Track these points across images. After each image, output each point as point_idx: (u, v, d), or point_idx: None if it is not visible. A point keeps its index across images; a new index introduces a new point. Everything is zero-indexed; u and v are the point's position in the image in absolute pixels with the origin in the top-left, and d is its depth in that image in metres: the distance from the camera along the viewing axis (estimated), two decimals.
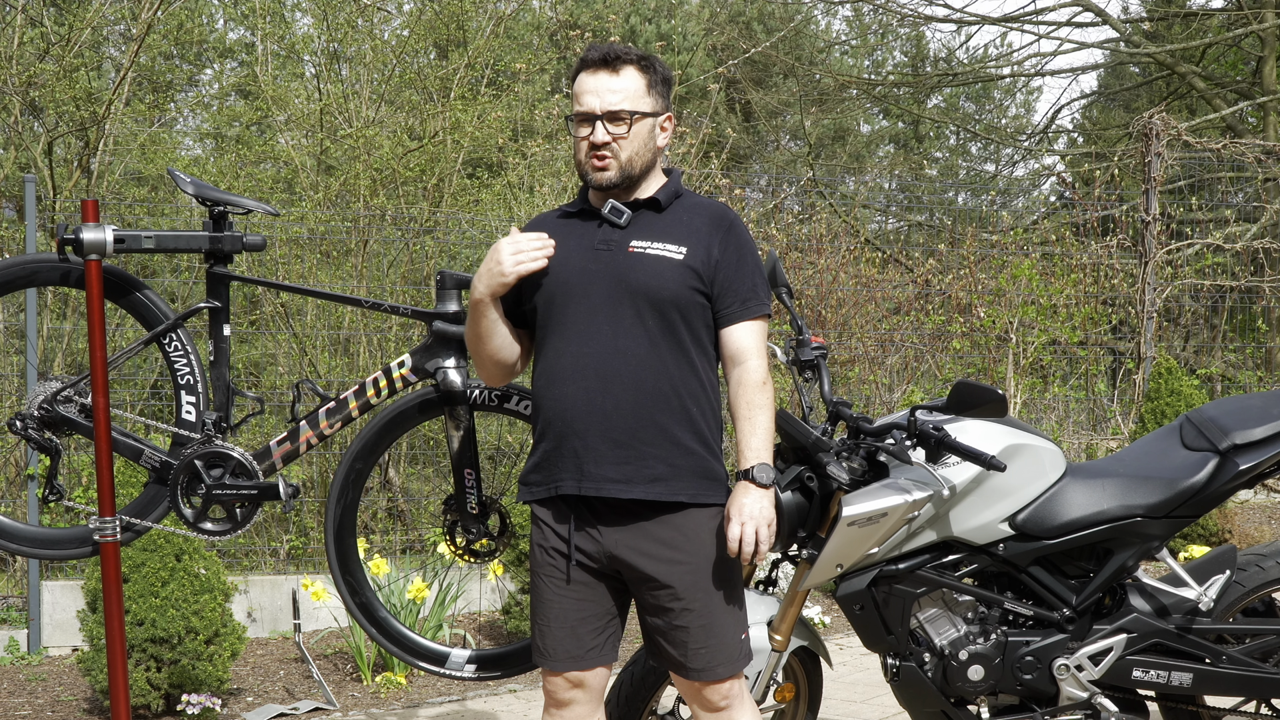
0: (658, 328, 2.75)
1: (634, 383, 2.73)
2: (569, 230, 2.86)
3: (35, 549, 3.36)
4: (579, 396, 2.75)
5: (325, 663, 5.82)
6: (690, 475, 2.76)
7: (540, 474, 2.83)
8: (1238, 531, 7.51)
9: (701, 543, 2.78)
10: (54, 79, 8.03)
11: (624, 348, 2.74)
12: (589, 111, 2.78)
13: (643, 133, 2.80)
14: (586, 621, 2.83)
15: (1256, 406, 3.50)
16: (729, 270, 2.80)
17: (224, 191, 3.31)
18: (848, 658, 5.70)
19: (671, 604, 2.77)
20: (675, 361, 2.76)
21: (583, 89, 2.80)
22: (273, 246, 7.34)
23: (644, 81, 2.81)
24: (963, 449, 3.10)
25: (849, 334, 8.64)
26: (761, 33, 17.75)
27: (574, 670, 2.83)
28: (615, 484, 2.73)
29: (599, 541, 2.78)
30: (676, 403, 2.75)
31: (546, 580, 2.84)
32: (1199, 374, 9.84)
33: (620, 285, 2.75)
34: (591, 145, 2.78)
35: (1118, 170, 12.16)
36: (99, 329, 3.13)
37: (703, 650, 2.79)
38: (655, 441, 2.73)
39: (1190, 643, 3.38)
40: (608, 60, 2.79)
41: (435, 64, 9.78)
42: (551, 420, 2.79)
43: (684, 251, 2.77)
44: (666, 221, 2.82)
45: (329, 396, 3.35)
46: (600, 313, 2.75)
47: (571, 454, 2.76)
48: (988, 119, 23.23)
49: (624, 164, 2.79)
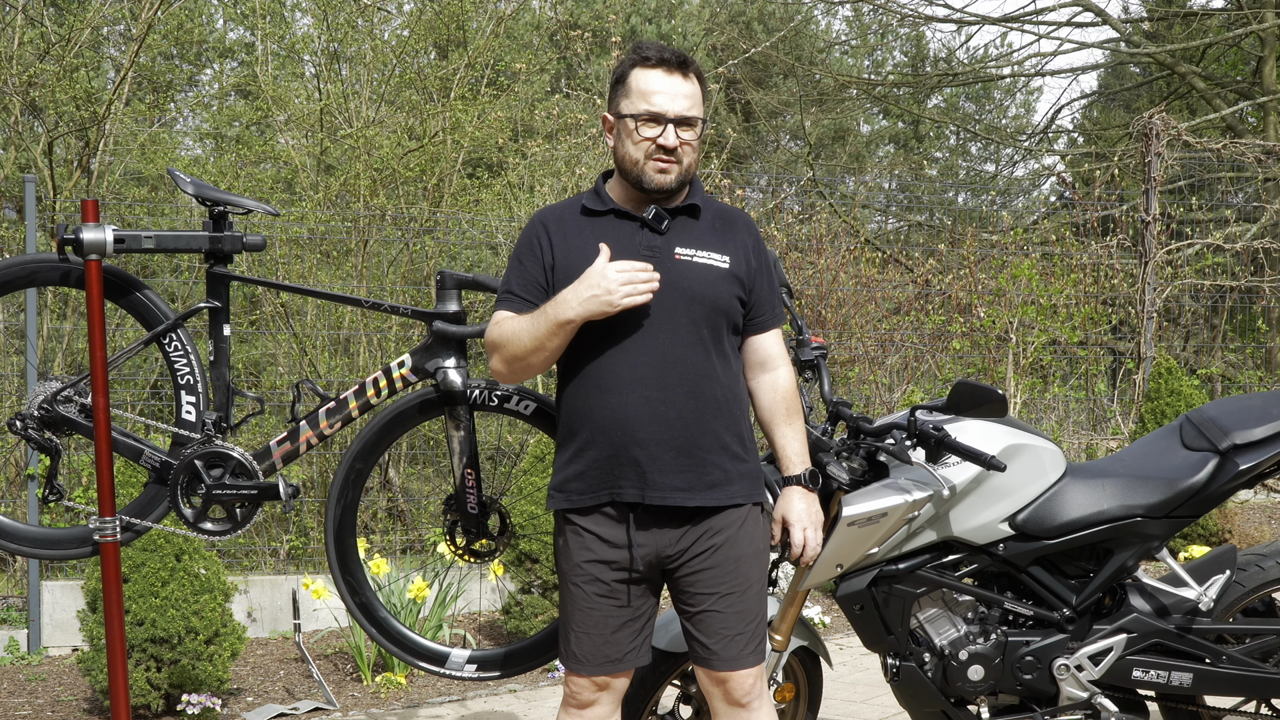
0: (709, 335, 2.76)
1: (693, 390, 2.74)
2: (602, 231, 2.80)
3: (35, 549, 3.36)
4: (639, 405, 2.72)
5: (325, 663, 5.82)
6: (740, 478, 2.81)
7: (585, 482, 2.79)
8: (1238, 531, 7.51)
9: (744, 533, 2.82)
10: (54, 79, 8.03)
11: (681, 356, 2.74)
12: (661, 113, 2.74)
13: (698, 141, 2.81)
14: (626, 626, 2.83)
15: (1256, 406, 3.50)
16: (763, 280, 2.85)
17: (224, 191, 3.31)
18: (848, 658, 5.70)
19: (714, 589, 2.80)
20: (723, 368, 2.79)
21: (652, 88, 2.75)
22: (273, 246, 7.33)
23: (702, 90, 2.84)
24: (963, 449, 3.10)
25: (849, 334, 8.64)
26: (761, 33, 17.75)
27: (606, 674, 2.84)
28: (680, 492, 2.74)
29: (652, 544, 2.78)
30: (727, 409, 2.78)
31: (587, 588, 2.81)
32: (1199, 374, 9.84)
33: (674, 292, 2.74)
34: (661, 148, 2.75)
35: (1118, 170, 12.16)
36: (99, 329, 3.13)
37: (738, 637, 2.82)
38: (713, 449, 2.76)
39: (1190, 643, 3.38)
40: (684, 63, 2.78)
41: (435, 64, 9.78)
42: (605, 428, 2.75)
43: (728, 260, 2.79)
44: (704, 229, 2.83)
45: (329, 396, 3.35)
46: (654, 320, 2.73)
47: (633, 463, 2.73)
48: (988, 119, 23.23)
49: (684, 170, 2.79)
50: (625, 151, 2.78)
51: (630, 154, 2.77)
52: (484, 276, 3.32)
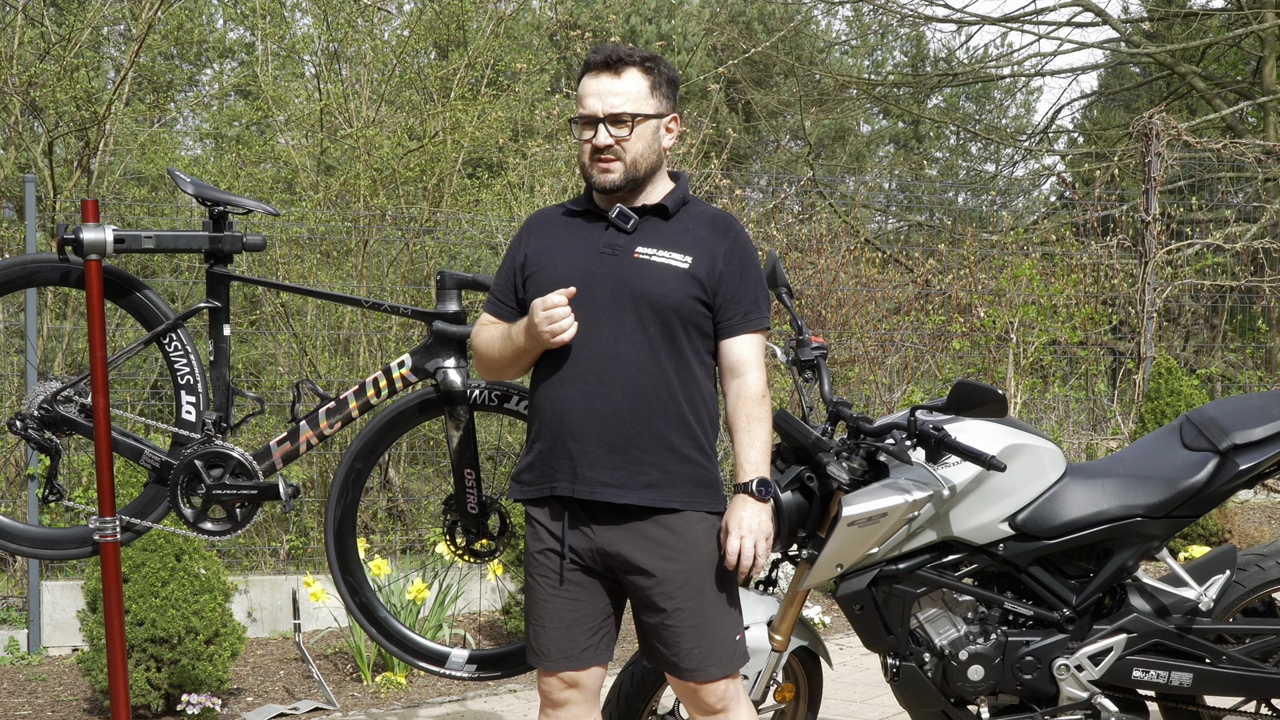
0: (659, 335, 2.75)
1: (633, 388, 2.73)
2: (574, 230, 2.85)
3: (35, 549, 3.36)
4: (577, 399, 2.75)
5: (325, 663, 5.82)
6: (686, 482, 2.77)
7: (533, 473, 2.83)
8: (1238, 531, 7.51)
9: (694, 544, 2.78)
10: (54, 79, 8.03)
11: (624, 352, 2.74)
12: (591, 114, 2.78)
13: (646, 135, 2.79)
14: (581, 621, 2.83)
15: (1256, 406, 3.50)
16: (732, 282, 2.80)
17: (224, 191, 3.31)
18: (848, 658, 5.70)
19: (664, 603, 2.78)
20: (675, 368, 2.77)
21: (585, 91, 2.80)
22: (273, 246, 7.33)
23: (647, 83, 2.80)
24: (963, 449, 3.10)
25: (849, 334, 8.63)
26: (762, 33, 17.75)
27: (568, 670, 2.83)
28: (609, 488, 2.74)
29: (592, 540, 2.78)
30: (675, 409, 2.76)
31: (540, 580, 2.84)
32: (1199, 374, 9.84)
33: (623, 290, 2.75)
34: (594, 148, 2.78)
35: (1118, 170, 12.17)
36: (99, 329, 3.13)
37: (695, 650, 2.79)
38: (652, 448, 2.74)
39: (1190, 643, 3.38)
40: (610, 62, 2.79)
41: (435, 64, 9.77)
42: (548, 421, 2.79)
43: (689, 260, 2.78)
44: (673, 229, 2.83)
45: (329, 396, 3.35)
46: (601, 316, 2.75)
47: (566, 456, 2.76)
48: (988, 119, 23.24)
49: (628, 166, 2.79)
50: (579, 156, 2.86)
51: (580, 159, 2.85)
52: (484, 276, 3.32)
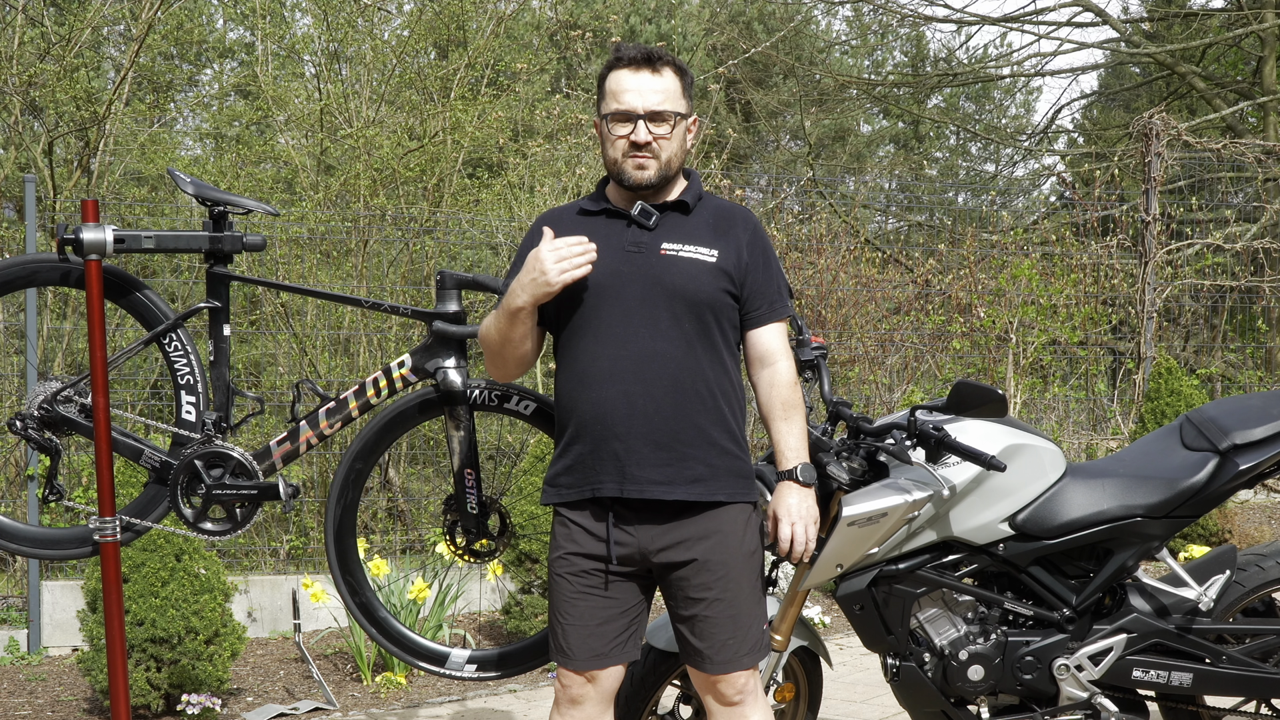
0: (694, 329, 2.77)
1: (673, 384, 2.75)
2: (593, 230, 2.84)
3: (35, 549, 3.36)
4: (619, 399, 2.75)
5: (325, 663, 5.82)
6: (727, 475, 2.80)
7: (573, 476, 2.82)
8: (1238, 531, 7.51)
9: (734, 536, 2.81)
10: (54, 79, 8.03)
11: (661, 350, 2.75)
12: (629, 110, 2.77)
13: (680, 134, 2.83)
14: (613, 620, 2.84)
15: (1256, 406, 3.50)
16: (758, 273, 2.84)
17: (224, 191, 3.31)
18: (848, 658, 5.70)
19: (703, 593, 2.80)
20: (710, 362, 2.79)
21: (622, 87, 2.79)
22: (273, 246, 7.34)
23: (680, 84, 2.83)
24: (963, 449, 3.10)
25: (849, 334, 8.64)
26: (761, 33, 17.75)
27: (594, 668, 2.84)
28: (658, 485, 2.75)
29: (634, 538, 2.79)
30: (712, 403, 2.78)
31: (573, 579, 2.84)
32: (1199, 374, 9.84)
33: (656, 287, 2.76)
34: (633, 144, 2.78)
35: (1118, 170, 12.16)
36: (99, 329, 3.13)
37: (731, 641, 2.81)
38: (695, 443, 2.76)
39: (1190, 643, 3.38)
40: (650, 59, 2.80)
41: (435, 64, 9.77)
42: (587, 422, 2.79)
43: (716, 254, 2.80)
44: (694, 224, 2.84)
45: (329, 396, 3.35)
46: (636, 315, 2.76)
47: (612, 456, 2.76)
48: (988, 119, 23.24)
49: (663, 164, 2.80)
50: (606, 152, 2.84)
51: (609, 154, 2.83)
52: (484, 276, 3.33)
